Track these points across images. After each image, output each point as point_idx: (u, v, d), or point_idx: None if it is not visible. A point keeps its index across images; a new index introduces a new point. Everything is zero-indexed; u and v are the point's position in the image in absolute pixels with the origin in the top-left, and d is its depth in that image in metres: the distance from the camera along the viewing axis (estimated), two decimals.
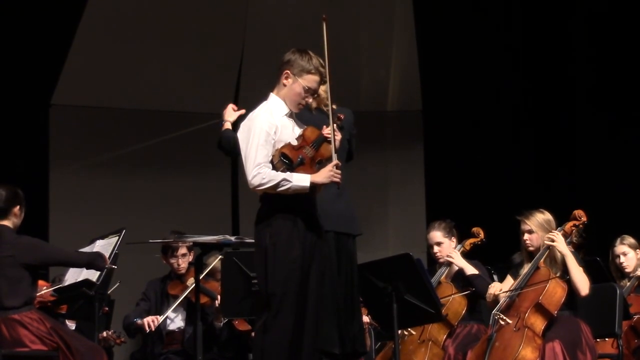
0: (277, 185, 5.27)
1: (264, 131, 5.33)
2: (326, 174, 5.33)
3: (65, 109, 9.69)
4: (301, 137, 5.43)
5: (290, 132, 5.44)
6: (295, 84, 5.44)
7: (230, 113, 6.16)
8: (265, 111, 5.43)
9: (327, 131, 5.49)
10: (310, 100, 5.56)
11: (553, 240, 6.50)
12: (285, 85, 5.46)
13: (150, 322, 7.41)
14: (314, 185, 5.33)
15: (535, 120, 9.97)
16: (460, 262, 7.05)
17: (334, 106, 5.64)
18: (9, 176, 7.14)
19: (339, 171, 5.33)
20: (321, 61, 5.50)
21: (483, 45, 9.95)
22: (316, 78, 5.46)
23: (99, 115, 9.81)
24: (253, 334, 5.40)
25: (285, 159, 5.33)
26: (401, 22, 10.15)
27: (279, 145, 5.36)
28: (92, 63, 9.55)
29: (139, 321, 7.45)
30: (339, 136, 5.60)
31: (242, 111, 6.03)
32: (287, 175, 5.29)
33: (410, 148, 10.41)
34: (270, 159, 5.33)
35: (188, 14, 9.77)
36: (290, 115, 5.50)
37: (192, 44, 9.82)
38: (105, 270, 6.30)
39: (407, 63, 10.25)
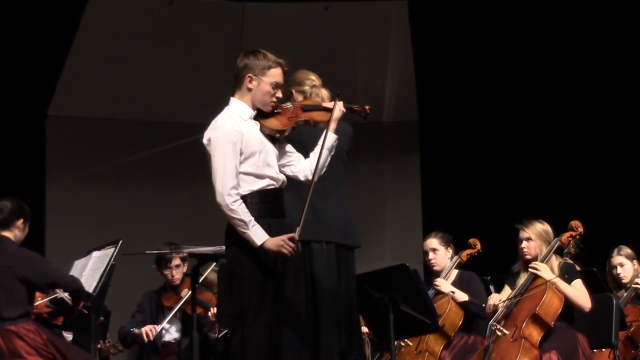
0: (237, 221, 5.17)
1: (230, 142, 5.26)
2: (278, 242, 5.16)
3: (62, 120, 9.69)
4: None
5: (257, 135, 5.35)
6: (262, 83, 5.35)
7: None
8: (229, 119, 5.34)
9: (333, 106, 5.44)
10: (280, 94, 5.45)
11: (536, 270, 6.49)
12: (251, 90, 5.37)
13: (148, 331, 7.41)
14: (260, 247, 5.17)
15: (532, 131, 9.97)
16: (448, 290, 7.02)
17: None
18: (5, 187, 7.13)
19: (292, 244, 5.16)
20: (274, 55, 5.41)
21: (479, 56, 9.95)
22: (278, 70, 5.38)
23: (95, 126, 9.81)
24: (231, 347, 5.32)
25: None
26: (398, 33, 10.15)
27: (247, 152, 5.27)
28: (88, 74, 9.54)
29: (137, 330, 7.44)
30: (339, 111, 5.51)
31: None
32: (251, 221, 5.17)
33: (407, 159, 10.41)
34: (238, 169, 5.26)
35: (184, 25, 9.77)
36: (255, 117, 5.40)
37: (189, 54, 9.82)
38: (76, 311, 6.32)
39: (403, 73, 10.25)
